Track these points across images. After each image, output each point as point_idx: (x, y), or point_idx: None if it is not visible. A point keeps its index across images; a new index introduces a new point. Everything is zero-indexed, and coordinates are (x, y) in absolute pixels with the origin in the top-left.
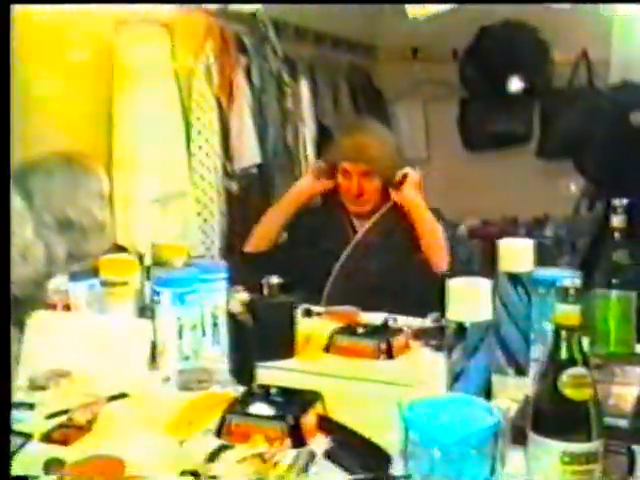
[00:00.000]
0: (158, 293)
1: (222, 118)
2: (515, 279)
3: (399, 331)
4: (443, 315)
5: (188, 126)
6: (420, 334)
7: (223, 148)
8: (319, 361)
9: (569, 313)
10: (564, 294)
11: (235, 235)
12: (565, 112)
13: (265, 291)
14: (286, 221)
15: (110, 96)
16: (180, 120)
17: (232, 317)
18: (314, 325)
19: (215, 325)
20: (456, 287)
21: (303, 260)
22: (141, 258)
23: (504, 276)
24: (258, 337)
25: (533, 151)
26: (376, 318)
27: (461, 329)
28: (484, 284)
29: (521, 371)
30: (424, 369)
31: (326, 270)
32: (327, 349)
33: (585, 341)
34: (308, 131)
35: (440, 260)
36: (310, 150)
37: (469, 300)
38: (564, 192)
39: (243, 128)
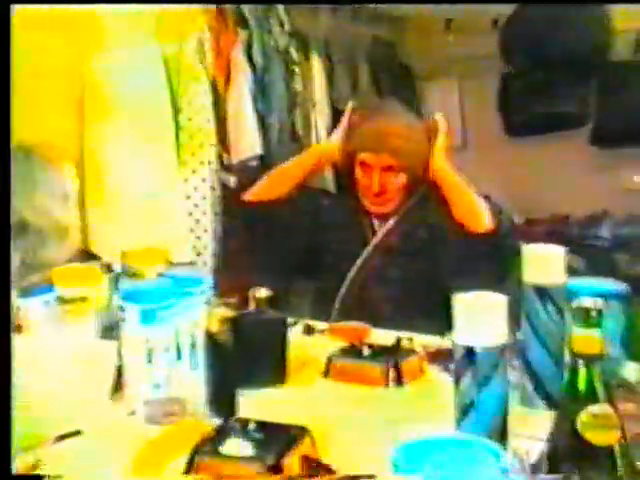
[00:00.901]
0: (124, 309)
1: (217, 102)
2: (544, 293)
3: (412, 353)
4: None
5: (176, 112)
6: (438, 356)
7: (219, 137)
8: (314, 388)
9: (589, 338)
10: (584, 316)
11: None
12: (627, 90)
13: (251, 305)
14: (302, 177)
15: (82, 77)
16: (167, 105)
17: (210, 337)
18: (315, 344)
19: (193, 347)
20: (464, 303)
21: (312, 264)
22: (109, 267)
23: (530, 289)
24: (242, 360)
25: (587, 137)
26: (389, 336)
27: (471, 354)
28: (498, 300)
29: (552, 402)
30: (438, 399)
31: (338, 277)
32: (325, 374)
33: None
34: (321, 117)
35: (480, 224)
36: (323, 138)
37: (480, 320)
38: (626, 185)
39: (242, 114)
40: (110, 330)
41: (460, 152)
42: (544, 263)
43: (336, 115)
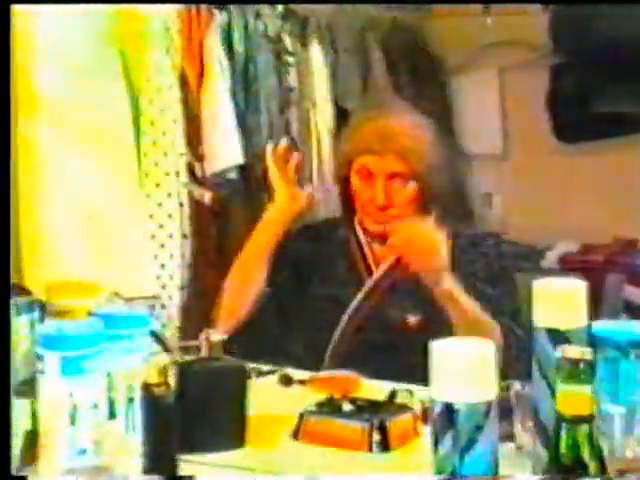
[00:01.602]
0: (42, 358)
1: (188, 101)
2: (559, 338)
3: (406, 410)
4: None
5: (136, 112)
6: None
7: (189, 143)
8: (279, 452)
9: (576, 396)
10: (569, 368)
11: (205, 266)
12: None
13: (203, 351)
14: (260, 277)
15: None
16: (124, 104)
17: (147, 390)
18: (292, 398)
19: (131, 402)
20: (441, 351)
21: (295, 309)
22: (31, 304)
23: (542, 333)
24: (187, 419)
25: None
26: (384, 389)
27: (451, 412)
28: (485, 348)
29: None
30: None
31: (330, 320)
32: (295, 434)
33: None
34: (322, 119)
35: None
36: (326, 145)
37: (462, 371)
38: None
39: (219, 114)
40: (23, 385)
41: (499, 162)
42: (560, 301)
43: (341, 115)
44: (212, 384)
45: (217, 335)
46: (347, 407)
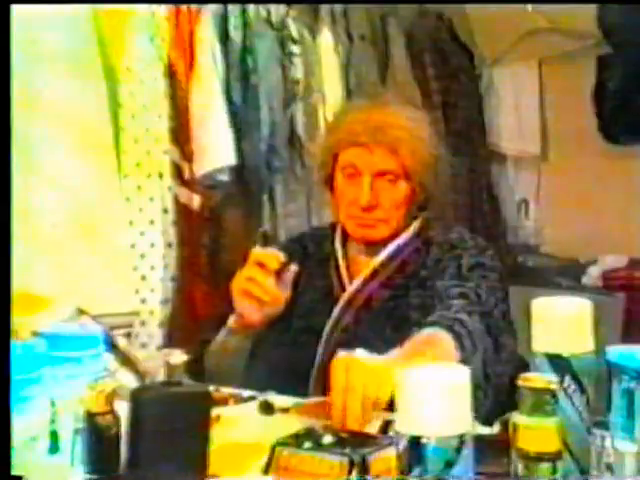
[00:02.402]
0: None
1: (175, 94)
2: (560, 365)
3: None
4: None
5: (116, 106)
6: None
7: (176, 141)
8: None
9: (540, 431)
10: (533, 400)
11: (193, 278)
12: None
13: (149, 375)
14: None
15: None
16: (102, 97)
17: (90, 420)
18: (272, 427)
19: (77, 434)
20: (407, 377)
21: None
22: None
23: (542, 360)
24: (139, 452)
25: None
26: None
27: (417, 447)
28: (457, 375)
29: None
30: None
31: (310, 342)
32: (266, 469)
33: None
34: (331, 115)
35: None
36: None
37: (429, 400)
38: None
39: (210, 110)
40: None
41: (537, 164)
42: (562, 323)
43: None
44: (170, 412)
45: (177, 356)
46: (327, 439)
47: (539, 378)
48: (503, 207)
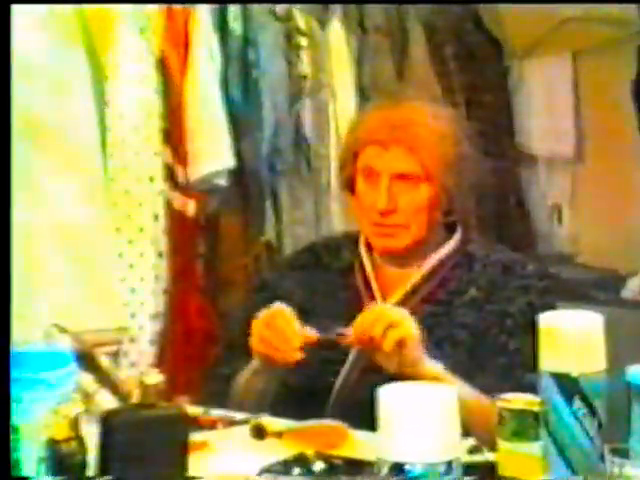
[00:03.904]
0: None
1: (168, 90)
2: (569, 387)
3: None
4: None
5: (102, 103)
6: None
7: (168, 142)
8: None
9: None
10: (514, 423)
11: (187, 291)
12: None
13: (136, 396)
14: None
15: None
16: (86, 91)
17: (53, 447)
18: (262, 453)
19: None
20: (390, 399)
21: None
22: None
23: (549, 381)
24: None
25: None
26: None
27: (400, 473)
28: (443, 394)
29: None
30: None
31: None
32: None
33: None
34: (344, 113)
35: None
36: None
37: (414, 425)
38: None
39: (206, 108)
40: None
41: (573, 166)
42: (571, 340)
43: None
44: (142, 436)
45: (153, 376)
46: (318, 466)
47: (520, 399)
48: (533, 213)
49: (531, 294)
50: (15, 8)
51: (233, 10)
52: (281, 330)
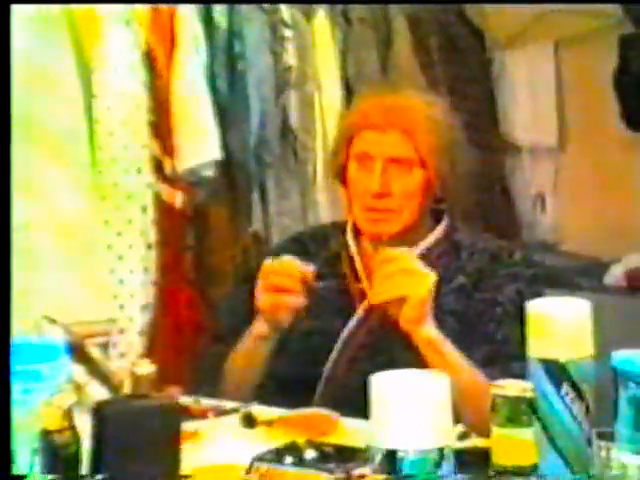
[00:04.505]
0: None
1: (154, 83)
2: (557, 372)
3: None
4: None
5: (89, 96)
6: None
7: (156, 134)
8: None
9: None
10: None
11: (176, 282)
12: None
13: (128, 387)
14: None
15: None
16: (73, 83)
17: (46, 438)
18: (252, 442)
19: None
20: (383, 385)
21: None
22: None
23: (538, 366)
24: (107, 470)
25: None
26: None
27: (393, 461)
28: (436, 383)
29: None
30: None
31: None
32: None
33: None
34: (329, 104)
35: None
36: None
37: (407, 412)
38: None
39: (193, 100)
40: None
41: (556, 155)
42: (558, 326)
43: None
44: (135, 427)
45: (144, 367)
46: (309, 454)
47: (513, 385)
48: (517, 202)
49: (519, 282)
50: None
51: (219, 3)
52: (288, 273)
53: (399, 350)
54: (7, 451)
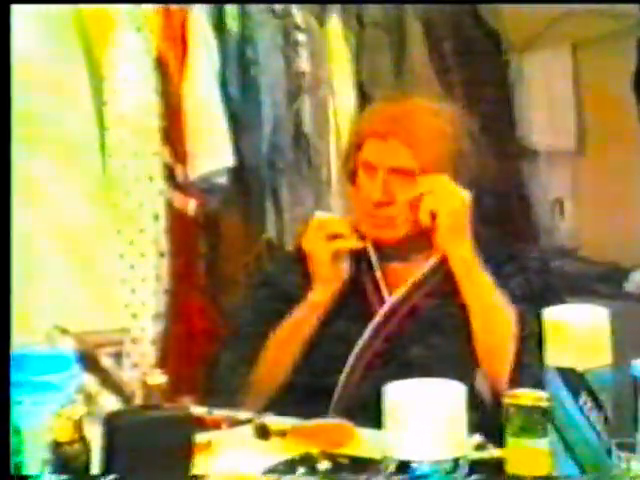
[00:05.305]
0: None
1: (166, 90)
2: (575, 382)
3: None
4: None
5: (100, 103)
6: None
7: (168, 141)
8: None
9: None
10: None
11: (189, 291)
12: None
13: (138, 397)
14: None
15: None
16: (85, 92)
17: (57, 450)
18: (266, 453)
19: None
20: (398, 395)
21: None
22: None
23: (555, 375)
24: None
25: None
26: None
27: (406, 471)
28: (451, 391)
29: None
30: None
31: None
32: None
33: None
34: (343, 109)
35: (500, 372)
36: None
37: (422, 421)
38: None
39: (205, 107)
40: None
41: (574, 158)
42: (576, 335)
43: (366, 104)
44: (147, 438)
45: (156, 377)
46: (323, 465)
47: (528, 394)
48: (535, 207)
49: (535, 287)
50: (15, 8)
51: (230, 8)
52: (338, 220)
53: (415, 358)
54: (7, 451)
